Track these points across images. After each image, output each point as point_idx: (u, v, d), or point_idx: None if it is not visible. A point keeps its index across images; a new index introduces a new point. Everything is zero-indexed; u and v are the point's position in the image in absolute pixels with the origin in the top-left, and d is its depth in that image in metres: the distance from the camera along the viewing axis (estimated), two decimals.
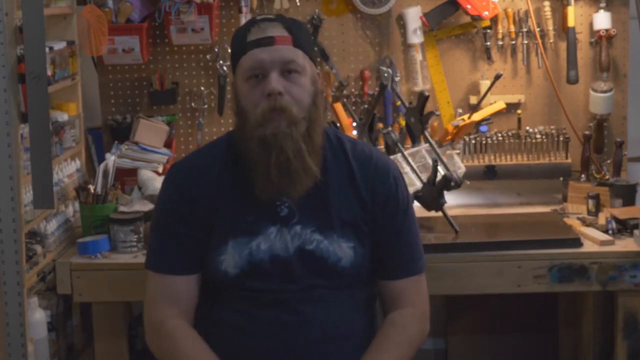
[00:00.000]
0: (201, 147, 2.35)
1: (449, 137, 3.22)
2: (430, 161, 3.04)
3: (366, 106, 3.55)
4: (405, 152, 3.09)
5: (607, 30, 3.48)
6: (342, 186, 2.15)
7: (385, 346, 2.14)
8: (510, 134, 3.53)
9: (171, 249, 2.15)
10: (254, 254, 2.09)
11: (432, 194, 2.99)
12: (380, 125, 3.37)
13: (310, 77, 2.12)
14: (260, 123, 2.06)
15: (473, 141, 3.51)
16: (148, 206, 3.08)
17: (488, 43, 3.53)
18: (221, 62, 3.50)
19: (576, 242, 2.94)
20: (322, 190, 2.13)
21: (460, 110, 3.57)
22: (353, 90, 3.57)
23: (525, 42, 3.54)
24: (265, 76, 2.07)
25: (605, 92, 3.49)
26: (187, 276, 2.15)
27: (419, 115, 3.13)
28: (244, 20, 3.43)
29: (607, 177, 3.42)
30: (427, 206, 3.04)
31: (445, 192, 2.99)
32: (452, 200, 3.22)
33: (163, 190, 2.22)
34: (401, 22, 3.56)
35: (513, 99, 3.56)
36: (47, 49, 2.81)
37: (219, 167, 2.16)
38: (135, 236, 2.98)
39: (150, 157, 3.36)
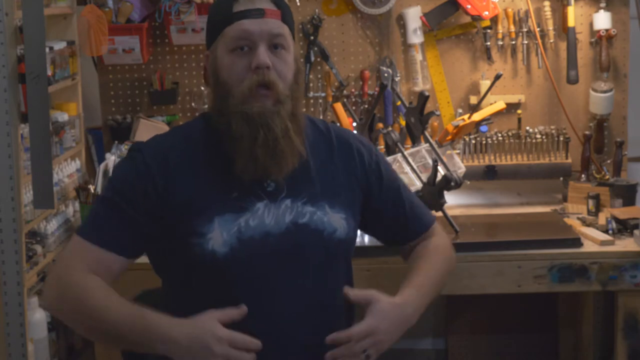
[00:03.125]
0: (167, 131, 2.18)
1: (449, 137, 3.22)
2: (430, 161, 3.04)
3: (366, 106, 3.55)
4: (405, 152, 3.09)
5: (607, 30, 3.48)
6: (326, 159, 2.09)
7: (432, 260, 2.14)
8: (510, 134, 3.53)
9: (111, 222, 1.98)
10: (243, 231, 1.96)
11: (432, 194, 2.99)
12: (380, 125, 3.38)
13: (294, 55, 2.04)
14: (247, 98, 1.96)
15: (473, 141, 3.51)
16: None
17: (488, 43, 3.53)
18: None
19: (576, 242, 2.94)
20: (307, 163, 2.04)
21: (460, 110, 3.57)
22: (353, 90, 3.58)
23: (525, 42, 3.54)
24: (252, 49, 1.97)
25: (605, 92, 3.49)
26: (116, 255, 1.96)
27: (419, 115, 3.13)
28: None
29: (607, 177, 3.42)
30: (427, 206, 3.03)
31: (445, 192, 2.99)
32: (452, 200, 3.23)
33: (121, 166, 2.05)
34: (401, 22, 3.56)
35: (513, 99, 3.56)
36: (47, 49, 2.81)
37: (192, 146, 2.02)
38: None
39: None
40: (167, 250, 2.02)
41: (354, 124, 3.25)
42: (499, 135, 3.52)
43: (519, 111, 3.56)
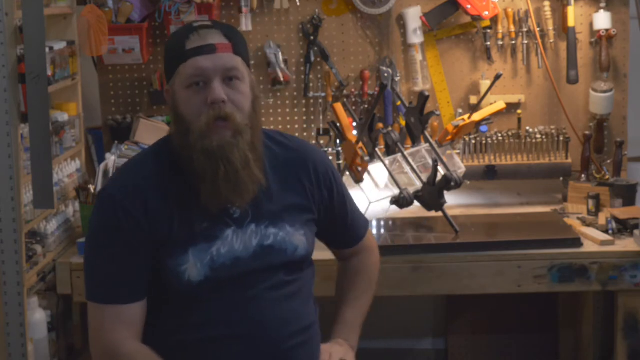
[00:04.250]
0: (131, 162, 2.20)
1: (449, 137, 3.22)
2: (430, 161, 3.04)
3: (366, 106, 3.55)
4: (405, 152, 3.09)
5: (607, 30, 3.48)
6: (286, 178, 2.17)
7: (358, 294, 2.32)
8: (510, 134, 3.53)
9: (116, 277, 2.05)
10: (216, 260, 2.06)
11: (432, 194, 2.99)
12: (380, 125, 3.37)
13: (250, 84, 2.10)
14: (205, 134, 2.03)
15: (473, 141, 3.51)
16: None
17: (488, 43, 3.53)
18: None
19: (576, 242, 2.94)
20: (268, 186, 2.13)
21: (460, 110, 3.57)
22: (353, 90, 3.58)
23: (525, 42, 3.54)
24: (207, 84, 2.04)
25: (605, 92, 3.49)
26: (137, 303, 2.07)
27: (419, 115, 3.13)
28: (244, 20, 3.44)
29: (607, 177, 3.42)
30: (427, 206, 3.04)
31: (445, 192, 2.99)
32: (452, 200, 3.23)
33: (99, 217, 2.09)
34: (401, 22, 3.56)
35: (513, 99, 3.56)
36: (47, 49, 2.81)
37: (161, 179, 2.09)
38: None
39: None
40: None
41: (354, 124, 3.25)
42: (499, 135, 3.52)
43: (519, 111, 3.56)
